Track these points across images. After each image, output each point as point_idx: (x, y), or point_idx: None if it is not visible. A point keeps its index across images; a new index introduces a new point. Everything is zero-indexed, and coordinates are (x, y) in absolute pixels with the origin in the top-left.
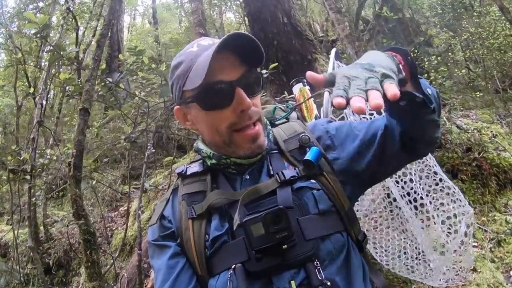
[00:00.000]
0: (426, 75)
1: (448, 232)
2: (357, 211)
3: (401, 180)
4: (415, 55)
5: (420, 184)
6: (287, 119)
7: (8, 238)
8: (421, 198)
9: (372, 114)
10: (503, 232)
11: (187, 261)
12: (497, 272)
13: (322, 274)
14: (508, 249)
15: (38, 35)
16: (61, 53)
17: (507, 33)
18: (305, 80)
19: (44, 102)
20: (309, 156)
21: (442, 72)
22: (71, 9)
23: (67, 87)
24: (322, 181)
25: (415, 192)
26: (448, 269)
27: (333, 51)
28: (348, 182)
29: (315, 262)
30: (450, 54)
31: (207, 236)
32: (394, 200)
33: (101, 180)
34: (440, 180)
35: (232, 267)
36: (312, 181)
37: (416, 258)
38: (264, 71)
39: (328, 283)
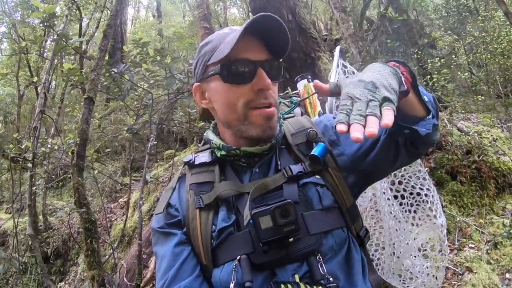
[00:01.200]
0: (429, 76)
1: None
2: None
3: (398, 181)
4: (418, 56)
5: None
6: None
7: (6, 227)
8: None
9: None
10: (500, 235)
11: (192, 250)
12: (492, 274)
13: (324, 268)
14: (505, 251)
15: (44, 24)
16: (67, 42)
17: (511, 38)
18: (309, 77)
19: (47, 92)
20: (315, 151)
21: (444, 74)
22: None
23: (71, 77)
24: (326, 176)
25: (411, 193)
26: (421, 272)
27: (338, 49)
28: (351, 177)
29: (317, 257)
30: (453, 57)
31: (213, 226)
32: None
33: (102, 171)
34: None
35: (237, 258)
36: (317, 176)
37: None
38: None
39: (330, 278)
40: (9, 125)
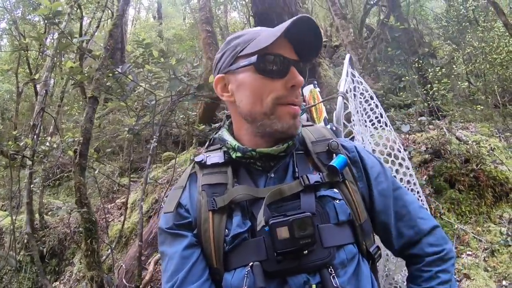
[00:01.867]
0: (429, 85)
1: None
2: None
3: None
4: (419, 65)
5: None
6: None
7: (2, 224)
8: None
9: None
10: (497, 243)
11: (201, 252)
12: (490, 281)
13: (336, 280)
14: (502, 259)
15: (49, 21)
16: (72, 40)
17: (510, 49)
18: (315, 82)
19: (47, 90)
20: (334, 162)
21: (445, 84)
22: None
23: (72, 76)
24: (343, 189)
25: None
26: None
27: (347, 57)
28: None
29: (329, 269)
30: (454, 66)
31: (227, 230)
32: None
33: (100, 171)
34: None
35: (250, 264)
36: (335, 190)
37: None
38: None
39: None
40: (7, 122)
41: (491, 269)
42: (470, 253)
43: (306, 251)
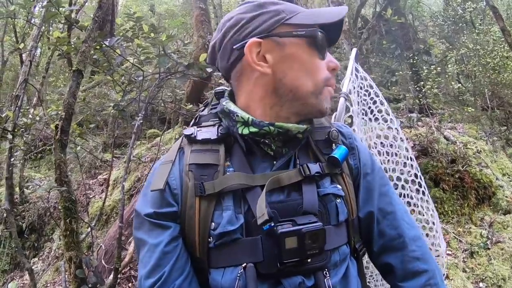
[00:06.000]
0: (422, 83)
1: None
2: None
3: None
4: (414, 61)
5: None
6: None
7: None
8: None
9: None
10: (476, 245)
11: (183, 241)
12: (467, 282)
13: (330, 282)
14: (480, 261)
15: None
16: (59, 10)
17: (505, 54)
18: None
19: (32, 60)
20: (336, 153)
21: (438, 82)
22: None
23: (59, 47)
24: (340, 182)
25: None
26: None
27: (354, 51)
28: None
29: (324, 272)
30: (449, 66)
31: (213, 224)
32: None
33: (82, 145)
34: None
35: (243, 265)
36: (338, 186)
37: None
38: None
39: None
40: None
41: (470, 270)
42: (450, 253)
43: (310, 259)
